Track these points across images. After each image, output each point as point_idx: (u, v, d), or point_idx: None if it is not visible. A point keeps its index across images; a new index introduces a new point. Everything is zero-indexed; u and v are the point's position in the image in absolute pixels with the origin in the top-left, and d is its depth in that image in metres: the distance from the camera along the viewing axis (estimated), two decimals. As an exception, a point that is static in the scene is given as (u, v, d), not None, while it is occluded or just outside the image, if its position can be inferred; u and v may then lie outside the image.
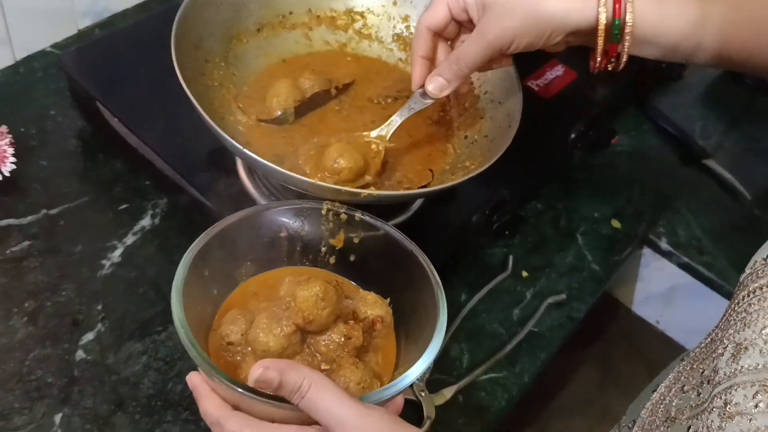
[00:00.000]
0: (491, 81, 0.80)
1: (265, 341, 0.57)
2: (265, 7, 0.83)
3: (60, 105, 0.93)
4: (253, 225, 0.64)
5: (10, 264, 0.78)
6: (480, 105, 0.80)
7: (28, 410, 0.69)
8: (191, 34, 0.75)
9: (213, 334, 0.61)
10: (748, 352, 0.50)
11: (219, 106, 0.75)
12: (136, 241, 0.82)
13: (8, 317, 0.75)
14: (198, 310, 0.60)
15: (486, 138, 0.77)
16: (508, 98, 0.78)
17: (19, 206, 0.83)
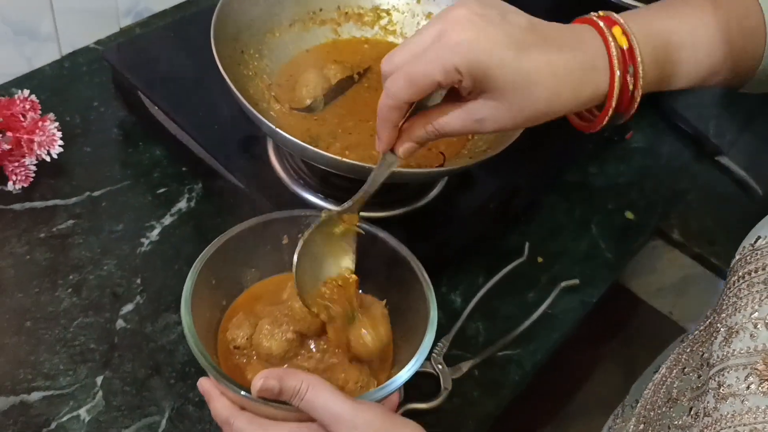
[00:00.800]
0: None
1: (268, 346, 0.63)
2: (297, 4, 0.88)
3: (103, 97, 0.99)
4: (257, 234, 0.69)
5: (56, 240, 0.84)
6: None
7: (72, 372, 0.75)
8: (229, 26, 0.80)
9: (222, 337, 0.67)
10: (738, 336, 0.53)
11: (254, 93, 0.81)
12: (173, 222, 0.88)
13: (54, 288, 0.80)
14: (207, 315, 0.66)
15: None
16: None
17: (64, 188, 0.89)
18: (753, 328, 0.52)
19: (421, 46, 0.56)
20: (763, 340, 0.51)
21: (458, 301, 0.86)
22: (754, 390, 0.49)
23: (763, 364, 0.49)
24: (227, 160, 0.84)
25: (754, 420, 0.48)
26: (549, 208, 0.98)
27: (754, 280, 0.54)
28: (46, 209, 0.87)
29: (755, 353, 0.51)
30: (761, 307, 0.52)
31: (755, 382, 0.50)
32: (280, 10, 0.87)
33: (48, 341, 0.76)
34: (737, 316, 0.54)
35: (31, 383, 0.73)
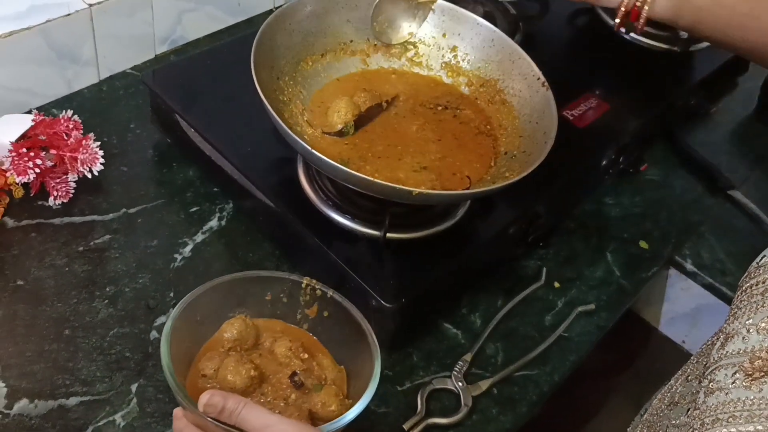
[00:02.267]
0: (530, 103, 0.89)
1: (232, 380, 0.69)
2: (330, 36, 0.93)
3: (139, 119, 1.03)
4: (244, 286, 0.75)
5: (94, 254, 0.88)
6: (519, 124, 0.89)
7: (108, 379, 0.78)
8: (267, 54, 0.85)
9: (195, 364, 0.73)
10: (732, 340, 0.57)
11: (288, 117, 0.85)
12: (205, 239, 0.91)
13: (92, 299, 0.84)
14: (186, 344, 0.72)
15: (524, 153, 0.86)
16: (544, 118, 0.86)
17: (102, 204, 0.93)
18: (746, 333, 0.56)
19: None
20: (753, 342, 0.54)
21: (478, 322, 0.89)
22: (738, 384, 0.53)
23: (749, 362, 0.53)
24: (259, 180, 0.88)
25: (734, 409, 0.52)
26: (566, 236, 1.01)
27: (754, 292, 0.58)
28: (85, 224, 0.90)
29: (744, 354, 0.54)
30: (755, 315, 0.56)
31: (740, 377, 0.54)
32: (314, 41, 0.91)
33: (85, 349, 0.80)
34: (735, 323, 0.58)
35: (69, 389, 0.76)
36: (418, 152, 0.87)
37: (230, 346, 0.73)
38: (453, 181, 0.84)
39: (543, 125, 0.86)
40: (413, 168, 0.84)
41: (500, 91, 0.94)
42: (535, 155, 0.82)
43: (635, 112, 1.10)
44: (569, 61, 1.18)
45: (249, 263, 0.90)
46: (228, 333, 0.73)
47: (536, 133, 0.86)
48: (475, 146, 0.90)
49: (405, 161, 0.85)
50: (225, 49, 1.07)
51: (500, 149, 0.89)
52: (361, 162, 0.83)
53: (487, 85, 0.95)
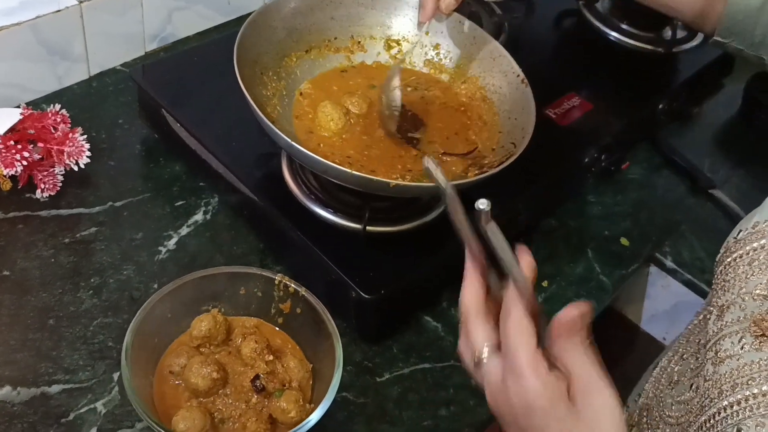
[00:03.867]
0: (509, 100, 0.91)
1: (194, 382, 0.72)
2: (314, 32, 0.94)
3: (128, 115, 1.05)
4: (218, 281, 0.78)
5: (80, 245, 0.89)
6: (499, 120, 0.91)
7: (91, 368, 0.79)
8: (250, 50, 0.86)
9: (163, 359, 0.75)
10: (730, 310, 0.58)
11: (271, 112, 0.86)
12: (189, 233, 0.93)
13: (76, 290, 0.85)
14: (155, 341, 0.75)
15: (503, 148, 0.87)
16: (523, 114, 0.87)
17: (89, 198, 0.94)
18: (741, 301, 0.58)
19: None
20: (752, 308, 0.56)
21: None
22: (748, 348, 0.54)
23: (755, 326, 0.54)
24: (244, 175, 0.90)
25: (750, 371, 0.53)
26: (547, 233, 1.02)
27: (739, 263, 0.60)
28: (71, 216, 0.92)
29: (746, 320, 0.56)
30: (747, 284, 0.57)
31: (748, 342, 0.55)
32: (298, 37, 0.93)
33: (69, 338, 0.81)
34: (727, 295, 0.60)
35: (52, 376, 0.78)
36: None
37: (199, 342, 0.75)
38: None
39: (522, 121, 0.87)
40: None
41: (481, 88, 0.95)
42: (514, 149, 0.83)
43: (618, 112, 1.12)
44: (553, 61, 1.20)
45: (233, 256, 0.91)
46: (196, 330, 0.75)
47: (515, 128, 0.88)
48: (449, 121, 0.93)
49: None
50: (212, 46, 1.08)
51: (480, 144, 0.91)
52: (343, 156, 0.85)
53: (468, 81, 0.96)
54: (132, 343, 0.70)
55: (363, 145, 0.87)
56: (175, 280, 0.76)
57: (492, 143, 0.89)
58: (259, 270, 0.79)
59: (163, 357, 0.76)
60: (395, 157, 0.87)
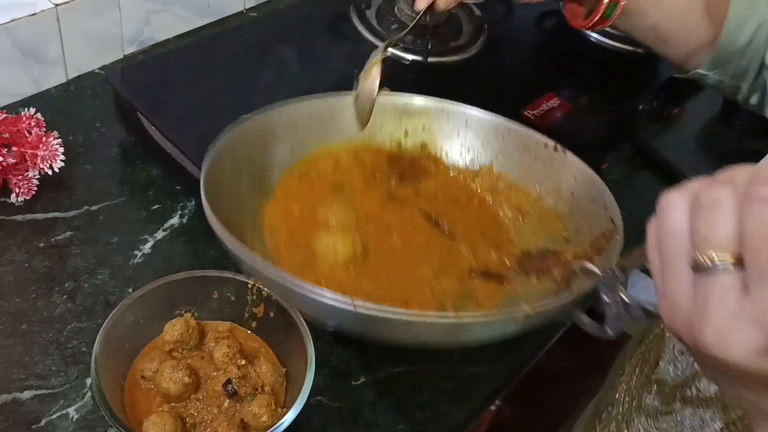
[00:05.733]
0: (548, 174, 0.78)
1: (166, 387, 0.71)
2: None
3: (105, 119, 1.04)
4: (192, 284, 0.77)
5: (54, 250, 0.89)
6: (544, 204, 0.78)
7: (64, 373, 0.78)
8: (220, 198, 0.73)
9: (135, 363, 0.75)
10: None
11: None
12: (165, 237, 0.92)
13: (50, 294, 0.84)
14: (127, 346, 0.75)
15: (580, 232, 0.74)
16: (583, 185, 0.75)
17: (64, 202, 0.93)
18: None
19: None
20: None
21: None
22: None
23: None
24: (219, 179, 0.89)
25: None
26: (526, 234, 1.02)
27: None
28: (46, 221, 0.91)
29: None
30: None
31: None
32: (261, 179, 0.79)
33: (42, 343, 0.80)
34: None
35: (23, 382, 0.77)
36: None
37: (171, 347, 0.75)
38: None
39: (581, 191, 0.73)
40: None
41: (501, 176, 0.80)
42: (611, 226, 0.69)
43: (598, 113, 1.12)
44: (533, 61, 1.19)
45: (208, 260, 0.91)
46: (169, 334, 0.74)
47: (579, 204, 0.73)
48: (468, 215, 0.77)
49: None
50: (189, 49, 1.08)
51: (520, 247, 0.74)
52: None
53: (481, 174, 0.80)
54: (102, 348, 0.70)
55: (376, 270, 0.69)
56: (146, 284, 0.76)
57: (555, 232, 0.74)
58: (232, 274, 0.78)
59: (134, 362, 0.75)
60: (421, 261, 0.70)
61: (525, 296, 0.66)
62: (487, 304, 0.67)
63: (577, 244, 0.67)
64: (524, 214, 0.75)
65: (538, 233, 0.73)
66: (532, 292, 0.67)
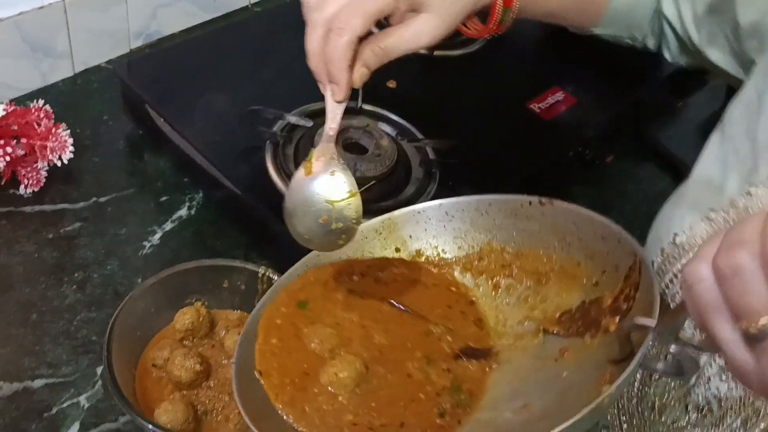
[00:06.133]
0: (542, 237, 0.70)
1: (177, 374, 0.72)
2: None
3: (112, 112, 1.05)
4: (201, 274, 0.78)
5: (64, 241, 0.89)
6: (547, 264, 0.71)
7: (74, 362, 0.79)
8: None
9: (146, 353, 0.75)
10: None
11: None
12: (174, 228, 0.93)
13: (60, 285, 0.85)
14: (137, 335, 0.75)
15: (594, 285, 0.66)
16: (590, 240, 0.67)
17: (73, 193, 0.94)
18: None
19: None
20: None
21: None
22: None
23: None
24: (228, 170, 0.90)
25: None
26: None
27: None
28: (55, 212, 0.92)
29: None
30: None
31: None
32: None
33: (52, 333, 0.81)
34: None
35: (34, 371, 0.77)
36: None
37: (182, 335, 0.75)
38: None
39: (591, 233, 0.67)
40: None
41: (504, 249, 0.72)
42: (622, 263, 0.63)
43: (603, 106, 1.12)
44: (537, 55, 1.20)
45: (217, 251, 0.91)
46: (180, 323, 0.75)
47: (592, 245, 0.67)
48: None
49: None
50: (196, 43, 1.09)
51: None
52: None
53: (483, 255, 0.73)
54: (114, 337, 0.70)
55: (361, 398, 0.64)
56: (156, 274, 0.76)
57: (581, 283, 0.67)
58: (243, 263, 0.78)
59: (145, 350, 0.76)
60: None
61: (518, 370, 0.65)
62: (477, 391, 0.65)
63: (608, 285, 0.63)
64: (544, 277, 0.70)
65: (566, 290, 0.68)
66: (522, 361, 0.66)
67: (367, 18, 0.64)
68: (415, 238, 0.74)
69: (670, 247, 0.62)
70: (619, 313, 0.59)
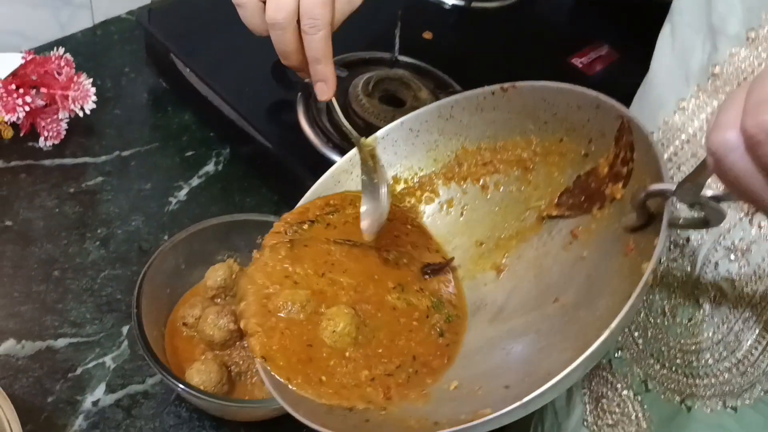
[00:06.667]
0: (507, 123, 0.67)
1: (210, 334, 0.68)
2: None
3: (134, 64, 1.00)
4: (230, 230, 0.74)
5: (86, 196, 0.85)
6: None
7: (98, 321, 0.75)
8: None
9: (176, 312, 0.72)
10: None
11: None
12: (200, 184, 0.88)
13: (82, 241, 0.81)
14: (166, 293, 0.72)
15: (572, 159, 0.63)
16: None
17: (94, 147, 0.89)
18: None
19: None
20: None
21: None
22: None
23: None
24: (258, 123, 0.85)
25: None
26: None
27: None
28: (76, 166, 0.87)
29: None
30: None
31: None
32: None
33: (75, 291, 0.77)
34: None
35: (57, 330, 0.74)
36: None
37: (214, 293, 0.71)
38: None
39: (564, 104, 0.62)
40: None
41: (480, 147, 0.68)
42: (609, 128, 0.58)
43: (645, 62, 1.07)
44: (578, 8, 1.14)
45: (246, 208, 0.87)
46: (211, 280, 0.71)
47: (571, 117, 0.62)
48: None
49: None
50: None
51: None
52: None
53: (460, 158, 0.70)
54: (142, 294, 0.66)
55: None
56: (186, 228, 0.72)
57: (570, 157, 0.63)
58: (275, 218, 0.74)
59: (175, 309, 0.72)
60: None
61: (535, 267, 0.62)
62: (457, 301, 0.65)
63: (599, 153, 0.59)
64: (529, 162, 0.66)
65: (557, 170, 0.64)
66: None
67: (329, 4, 0.62)
68: (388, 164, 0.70)
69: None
70: (620, 179, 0.56)
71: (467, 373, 0.59)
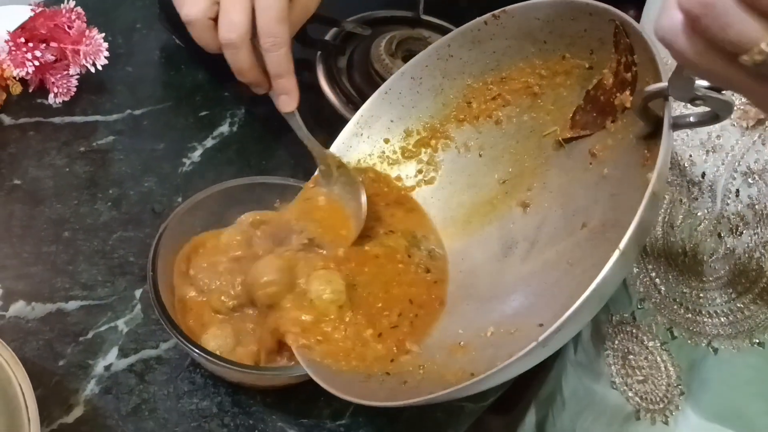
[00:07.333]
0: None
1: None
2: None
3: (146, 20, 0.97)
4: (248, 192, 0.71)
5: (97, 155, 0.82)
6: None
7: (110, 284, 0.72)
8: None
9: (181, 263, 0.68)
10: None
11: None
12: (215, 145, 0.86)
13: (94, 201, 0.78)
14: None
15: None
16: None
17: (105, 105, 0.87)
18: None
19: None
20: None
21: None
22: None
23: None
24: (275, 82, 0.82)
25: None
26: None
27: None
28: (87, 124, 0.84)
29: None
30: None
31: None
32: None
33: (86, 252, 0.74)
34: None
35: (68, 292, 0.71)
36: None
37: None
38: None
39: (558, 18, 0.60)
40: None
41: (486, 83, 0.69)
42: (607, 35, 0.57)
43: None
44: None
45: (262, 170, 0.84)
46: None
47: (567, 31, 0.61)
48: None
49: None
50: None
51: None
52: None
53: (467, 96, 0.70)
54: (159, 256, 0.64)
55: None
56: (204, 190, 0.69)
57: (576, 73, 0.62)
58: (295, 181, 0.72)
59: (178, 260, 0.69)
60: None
61: (559, 193, 0.62)
62: (426, 231, 0.69)
63: (603, 63, 0.58)
64: (537, 87, 0.66)
65: (565, 89, 0.64)
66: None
67: (286, 20, 0.64)
68: (397, 118, 0.71)
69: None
70: (627, 85, 0.55)
71: (503, 316, 0.58)
